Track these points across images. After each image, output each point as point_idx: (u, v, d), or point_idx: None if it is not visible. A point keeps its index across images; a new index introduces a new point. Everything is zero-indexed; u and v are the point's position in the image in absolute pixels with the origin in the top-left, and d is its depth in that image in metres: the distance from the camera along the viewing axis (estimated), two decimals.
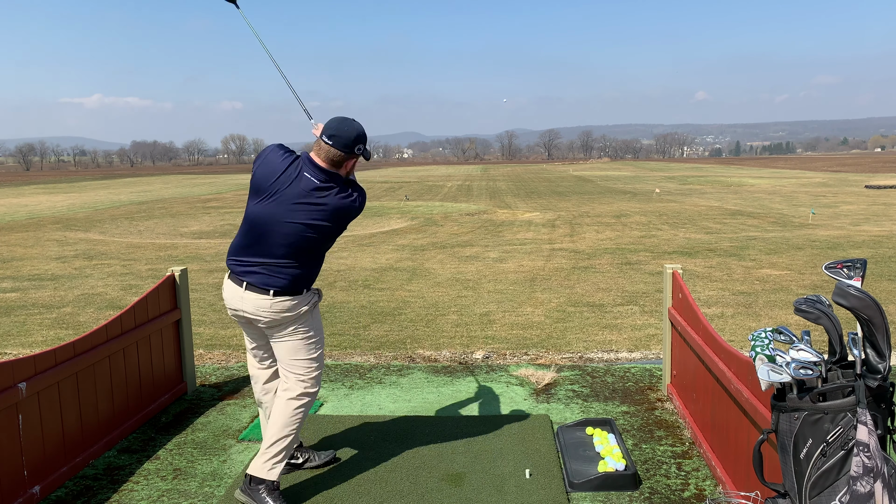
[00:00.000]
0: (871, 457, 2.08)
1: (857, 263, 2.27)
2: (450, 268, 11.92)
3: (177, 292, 5.08)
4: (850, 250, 13.18)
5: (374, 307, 8.77)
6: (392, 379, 5.48)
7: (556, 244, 14.92)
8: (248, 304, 3.39)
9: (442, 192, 36.02)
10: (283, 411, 3.46)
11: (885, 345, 2.14)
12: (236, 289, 3.41)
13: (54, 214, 26.15)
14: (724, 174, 54.36)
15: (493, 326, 7.62)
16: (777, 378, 2.24)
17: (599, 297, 9.14)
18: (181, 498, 3.60)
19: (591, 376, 5.45)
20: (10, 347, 7.12)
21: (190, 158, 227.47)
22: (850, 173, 55.05)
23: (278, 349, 3.53)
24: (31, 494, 3.46)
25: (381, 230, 18.75)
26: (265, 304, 3.36)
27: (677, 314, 4.59)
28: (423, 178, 52.29)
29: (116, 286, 10.70)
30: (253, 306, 3.37)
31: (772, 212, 22.08)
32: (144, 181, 65.33)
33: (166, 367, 4.95)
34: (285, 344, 3.50)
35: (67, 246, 16.14)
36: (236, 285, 3.41)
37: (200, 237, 17.96)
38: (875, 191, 32.66)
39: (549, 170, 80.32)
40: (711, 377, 3.72)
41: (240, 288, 3.39)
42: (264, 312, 3.37)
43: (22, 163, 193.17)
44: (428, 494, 3.55)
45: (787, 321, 7.63)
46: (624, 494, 3.54)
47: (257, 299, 3.36)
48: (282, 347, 3.51)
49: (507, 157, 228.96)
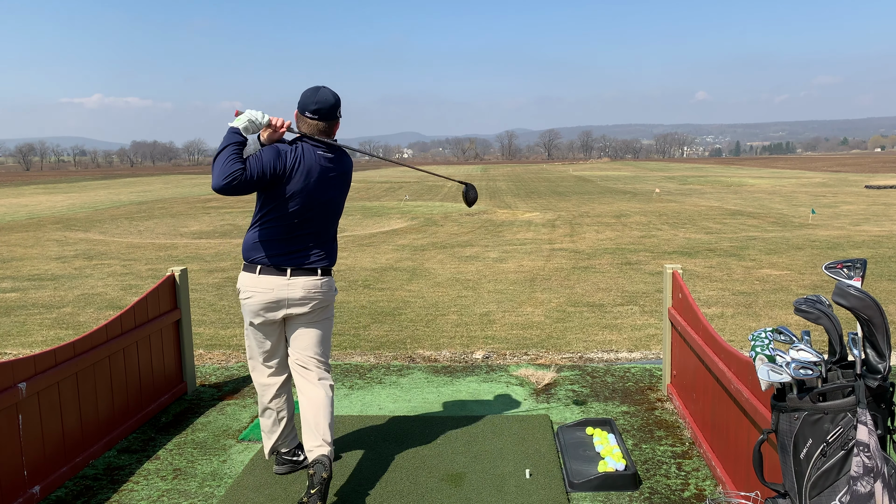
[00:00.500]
0: (871, 457, 2.08)
1: (857, 263, 2.27)
2: (450, 268, 11.92)
3: (177, 292, 5.08)
4: (850, 250, 13.18)
5: (374, 307, 8.77)
6: (392, 379, 5.48)
7: (556, 244, 14.93)
8: (296, 290, 3.47)
9: (442, 192, 36.02)
10: (325, 398, 3.53)
11: (885, 345, 2.14)
12: (278, 279, 3.46)
13: (54, 214, 26.15)
14: (724, 174, 54.37)
15: (493, 326, 7.62)
16: (777, 378, 2.24)
17: (599, 297, 9.14)
18: (181, 498, 3.60)
19: (591, 376, 5.45)
20: (10, 347, 7.12)
21: (190, 158, 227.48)
22: (850, 173, 55.06)
23: (308, 337, 3.59)
24: (31, 494, 3.46)
25: (381, 230, 18.75)
26: (316, 285, 3.50)
27: (677, 314, 4.59)
28: (423, 178, 52.30)
29: (116, 286, 10.70)
30: (303, 289, 3.48)
31: (772, 212, 22.08)
32: (144, 181, 65.32)
33: (166, 367, 4.95)
34: (319, 327, 3.61)
35: (67, 246, 16.14)
36: (277, 275, 3.46)
37: (200, 237, 17.96)
38: (875, 191, 32.66)
39: (549, 170, 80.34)
40: (711, 377, 3.72)
41: (283, 277, 3.46)
42: (315, 293, 3.51)
43: (22, 163, 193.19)
44: (428, 494, 3.55)
45: (787, 321, 7.63)
46: (624, 494, 3.54)
47: (307, 281, 3.48)
48: (313, 334, 3.60)
49: (507, 157, 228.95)
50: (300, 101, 3.50)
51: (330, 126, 3.50)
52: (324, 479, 3.25)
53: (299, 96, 3.52)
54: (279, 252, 3.46)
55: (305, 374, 3.60)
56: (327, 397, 3.54)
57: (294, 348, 3.61)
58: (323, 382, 3.59)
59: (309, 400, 3.53)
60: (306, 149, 3.44)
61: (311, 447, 3.42)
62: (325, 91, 3.49)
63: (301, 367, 3.60)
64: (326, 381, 3.60)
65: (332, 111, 3.48)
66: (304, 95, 3.49)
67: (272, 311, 3.50)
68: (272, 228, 3.46)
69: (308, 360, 3.59)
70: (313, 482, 3.24)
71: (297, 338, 3.60)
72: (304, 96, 3.50)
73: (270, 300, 3.47)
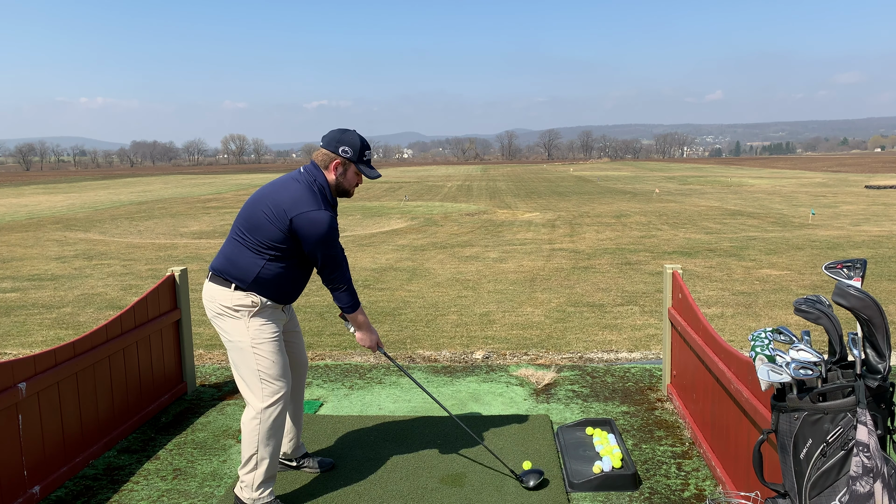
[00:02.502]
0: (871, 457, 2.08)
1: (856, 263, 2.27)
2: (450, 268, 11.92)
3: (177, 292, 5.08)
4: (849, 250, 13.18)
5: (374, 307, 8.77)
6: (392, 379, 5.48)
7: (556, 244, 14.92)
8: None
9: (442, 193, 36.02)
10: (245, 424, 3.45)
11: (885, 345, 2.14)
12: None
13: (54, 214, 26.15)
14: (723, 174, 54.37)
15: (493, 326, 7.62)
16: (777, 378, 2.24)
17: (599, 297, 9.14)
18: (181, 498, 3.60)
19: (591, 376, 5.45)
20: (10, 347, 7.12)
21: (190, 158, 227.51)
22: (850, 173, 55.05)
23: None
24: (31, 494, 3.46)
25: (381, 230, 18.75)
26: (206, 289, 3.49)
27: (677, 314, 4.59)
28: (423, 179, 52.30)
29: (116, 286, 10.70)
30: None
31: (772, 212, 22.08)
32: (144, 181, 65.32)
33: (166, 368, 4.95)
34: (227, 347, 3.57)
35: (67, 246, 16.13)
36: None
37: (200, 237, 17.95)
38: (875, 191, 32.66)
39: (549, 170, 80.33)
40: (711, 377, 3.72)
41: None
42: (206, 301, 3.49)
43: (22, 163, 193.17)
44: (428, 494, 3.55)
45: (787, 321, 7.63)
46: (624, 494, 3.54)
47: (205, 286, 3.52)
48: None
49: (507, 157, 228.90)
50: (353, 145, 3.36)
51: (328, 156, 3.41)
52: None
53: (341, 137, 3.37)
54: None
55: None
56: (245, 422, 3.37)
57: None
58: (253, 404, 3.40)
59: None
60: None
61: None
62: (346, 131, 3.40)
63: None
64: (249, 405, 3.39)
65: (332, 141, 3.39)
66: (359, 141, 3.38)
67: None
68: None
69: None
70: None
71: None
72: (359, 142, 3.38)
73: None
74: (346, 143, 3.36)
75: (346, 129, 3.42)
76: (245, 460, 3.33)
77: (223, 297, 3.32)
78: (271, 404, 3.32)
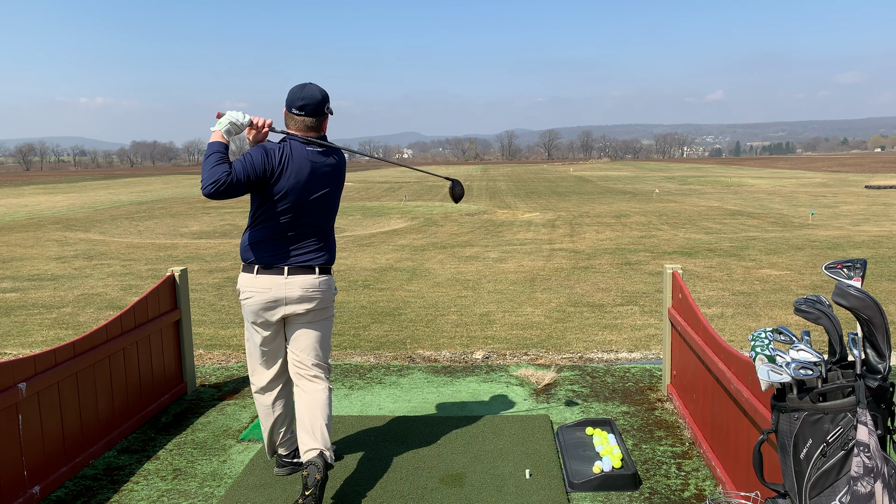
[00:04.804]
0: (872, 457, 2.08)
1: (856, 263, 2.27)
2: (450, 268, 11.92)
3: (177, 292, 5.08)
4: (849, 250, 13.18)
5: (374, 307, 8.77)
6: (392, 379, 5.48)
7: (556, 244, 14.93)
8: (294, 289, 3.45)
9: (442, 193, 36.01)
10: (322, 400, 3.53)
11: (885, 345, 2.14)
12: (275, 278, 3.46)
13: (54, 214, 26.15)
14: (723, 174, 54.38)
15: (493, 326, 7.62)
16: (777, 378, 2.24)
17: (599, 298, 9.14)
18: (181, 498, 3.60)
19: (591, 376, 5.45)
20: (10, 347, 7.12)
21: (190, 158, 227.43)
22: (850, 173, 55.07)
23: (307, 337, 3.57)
24: (31, 494, 3.46)
25: (381, 230, 18.75)
26: (314, 283, 3.49)
27: (677, 314, 4.59)
28: (423, 179, 52.29)
29: (116, 286, 10.70)
30: (301, 288, 3.46)
31: (772, 212, 22.08)
32: (144, 181, 65.32)
33: (166, 368, 4.95)
34: (317, 328, 3.58)
35: (67, 246, 16.13)
36: (275, 275, 3.46)
37: (200, 237, 17.96)
38: (875, 191, 32.66)
39: (549, 170, 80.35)
40: (711, 377, 3.72)
41: (280, 276, 3.46)
42: (313, 292, 3.49)
43: (22, 163, 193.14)
44: (428, 495, 3.55)
45: (787, 321, 7.63)
46: (624, 494, 3.54)
47: (305, 280, 3.47)
48: (311, 335, 3.58)
49: (507, 157, 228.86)
50: (287, 99, 3.49)
51: (318, 122, 3.48)
52: (317, 480, 3.25)
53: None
54: (275, 251, 3.46)
55: (303, 375, 3.58)
56: (324, 399, 3.53)
57: (293, 349, 3.59)
58: (320, 383, 3.58)
59: (306, 402, 3.53)
60: (294, 146, 3.42)
61: (306, 449, 3.41)
62: (312, 87, 3.48)
63: (299, 368, 3.59)
64: (324, 382, 3.59)
65: (319, 107, 3.46)
66: (291, 92, 3.49)
67: (271, 311, 3.48)
68: (267, 228, 3.46)
69: (306, 361, 3.57)
70: (307, 483, 3.24)
71: (296, 338, 3.57)
72: (291, 93, 3.49)
73: (269, 300, 3.45)
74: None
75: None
76: (323, 427, 3.46)
77: (332, 287, 3.61)
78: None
